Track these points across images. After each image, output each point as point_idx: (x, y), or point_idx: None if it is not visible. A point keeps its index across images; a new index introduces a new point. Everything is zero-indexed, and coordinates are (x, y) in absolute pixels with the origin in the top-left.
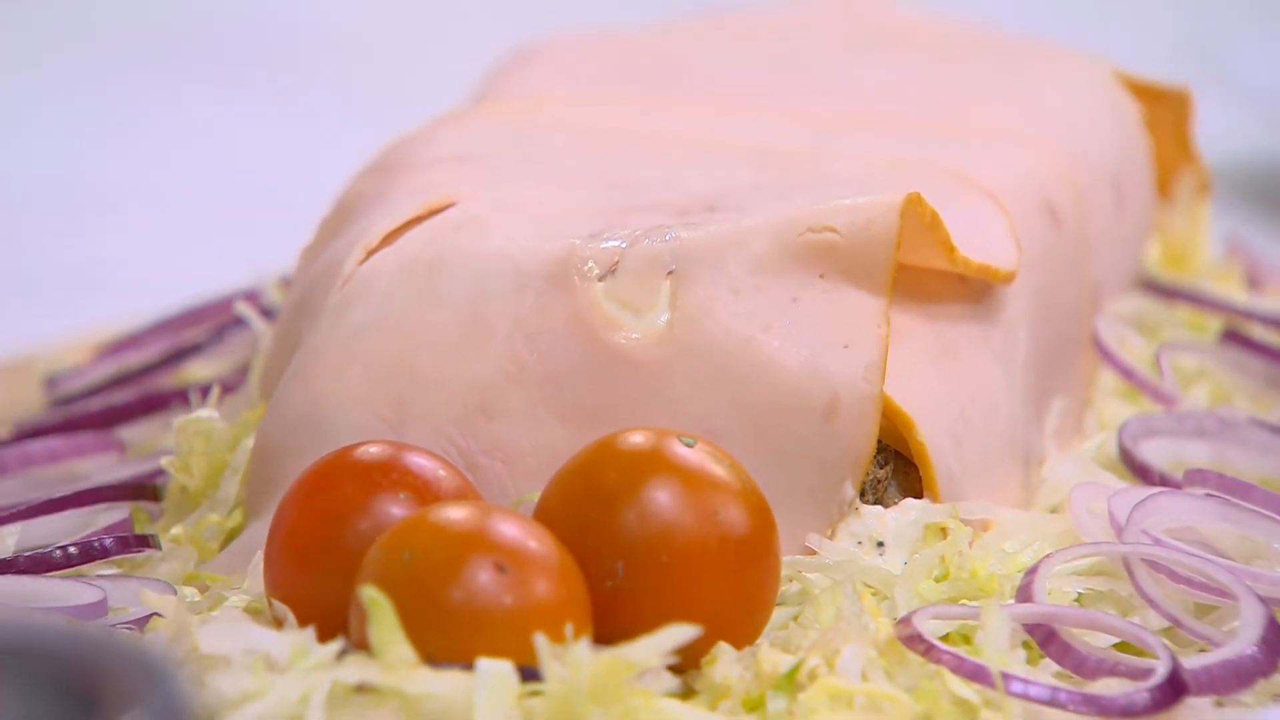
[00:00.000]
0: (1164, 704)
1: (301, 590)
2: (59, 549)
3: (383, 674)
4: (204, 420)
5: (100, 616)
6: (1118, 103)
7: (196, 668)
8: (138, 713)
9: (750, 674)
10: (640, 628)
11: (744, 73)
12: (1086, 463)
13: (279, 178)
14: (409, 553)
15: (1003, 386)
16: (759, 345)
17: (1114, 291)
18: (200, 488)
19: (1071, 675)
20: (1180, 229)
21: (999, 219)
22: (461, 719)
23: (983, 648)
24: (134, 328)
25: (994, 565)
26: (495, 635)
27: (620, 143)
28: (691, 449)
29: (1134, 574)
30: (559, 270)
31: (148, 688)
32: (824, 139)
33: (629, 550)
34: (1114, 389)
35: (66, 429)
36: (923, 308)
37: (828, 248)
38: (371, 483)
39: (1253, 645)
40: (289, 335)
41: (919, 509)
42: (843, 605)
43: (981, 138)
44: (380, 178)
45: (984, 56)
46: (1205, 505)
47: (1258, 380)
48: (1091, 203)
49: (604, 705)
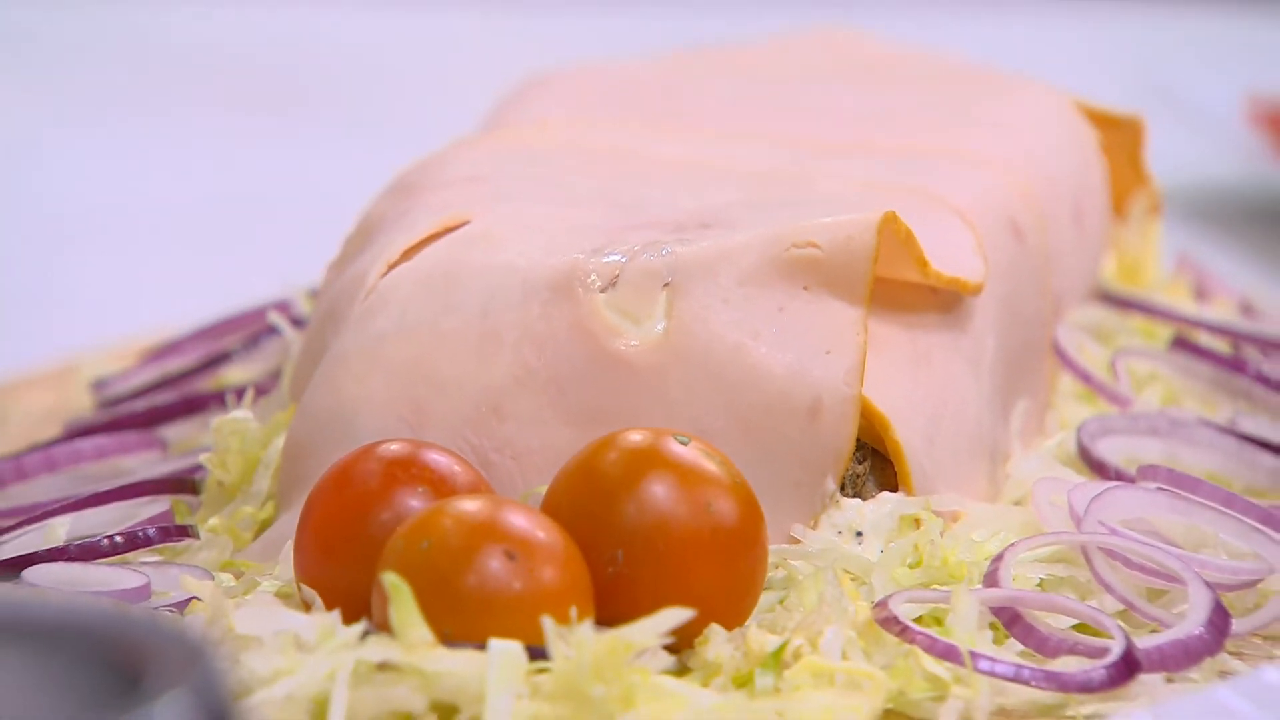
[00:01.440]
0: (1119, 680)
1: (328, 576)
2: (106, 538)
3: (403, 653)
4: (239, 420)
5: (144, 600)
6: (1076, 129)
7: (232, 647)
8: (179, 690)
9: (740, 653)
10: (639, 611)
11: (734, 101)
12: (1048, 459)
13: (308, 198)
14: (427, 542)
15: (971, 389)
16: (748, 351)
17: (1073, 302)
18: (235, 482)
19: (1034, 654)
20: (1133, 245)
21: (967, 235)
22: (475, 695)
23: (953, 629)
24: (175, 335)
25: (963, 553)
26: (506, 618)
27: (620, 165)
28: (686, 447)
29: (1091, 561)
30: (564, 282)
31: (188, 666)
32: (807, 162)
33: (628, 539)
34: (1073, 392)
35: (112, 428)
36: (898, 317)
37: (811, 262)
38: (392, 477)
39: (1200, 626)
40: (317, 342)
41: (894, 502)
42: (825, 590)
43: (951, 161)
44: (400, 198)
45: (954, 87)
46: (1157, 498)
47: (1205, 384)
48: (1052, 220)
49: (605, 682)
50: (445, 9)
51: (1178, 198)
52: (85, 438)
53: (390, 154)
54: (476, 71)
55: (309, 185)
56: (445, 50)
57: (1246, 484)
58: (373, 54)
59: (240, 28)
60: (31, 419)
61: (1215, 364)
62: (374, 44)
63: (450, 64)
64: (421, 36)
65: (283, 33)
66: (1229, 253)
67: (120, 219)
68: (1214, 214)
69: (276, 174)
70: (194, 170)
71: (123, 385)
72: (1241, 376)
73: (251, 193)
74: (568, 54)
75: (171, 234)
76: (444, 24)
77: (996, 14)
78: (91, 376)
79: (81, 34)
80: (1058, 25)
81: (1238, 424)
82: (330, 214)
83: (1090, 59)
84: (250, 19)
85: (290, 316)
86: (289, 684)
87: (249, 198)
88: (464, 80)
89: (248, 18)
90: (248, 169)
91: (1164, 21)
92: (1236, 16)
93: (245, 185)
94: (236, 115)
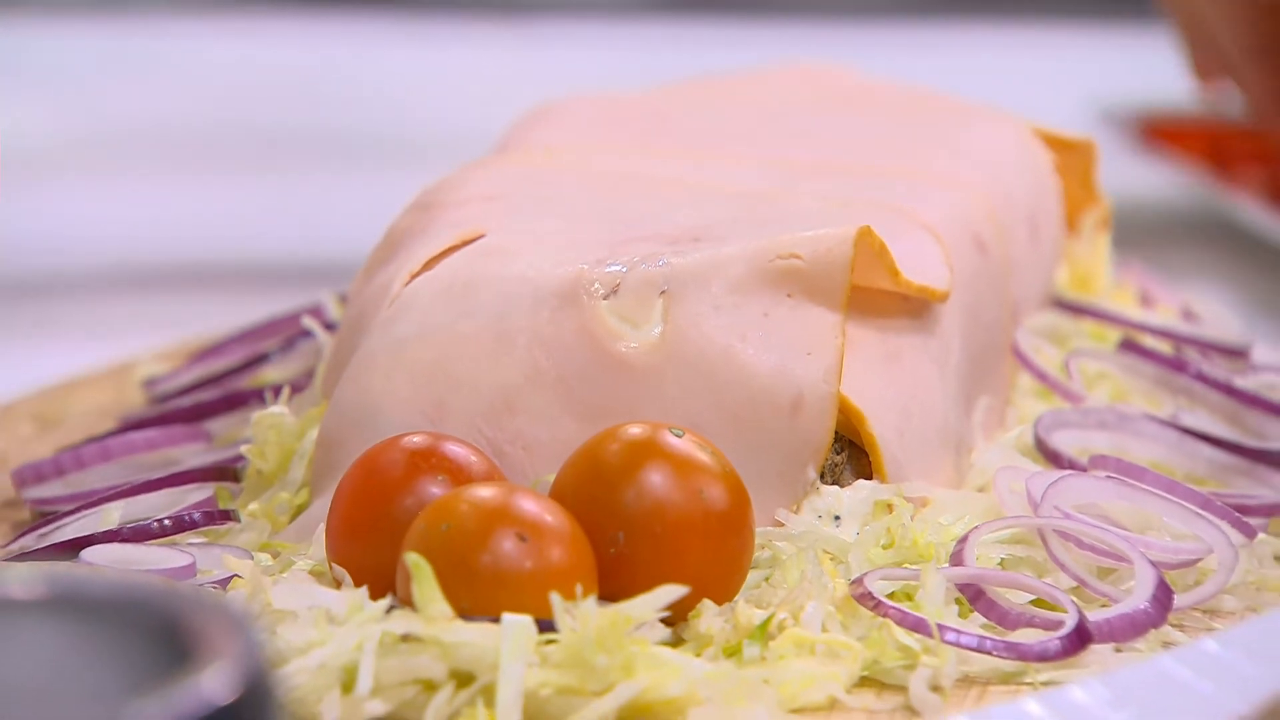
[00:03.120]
0: (1072, 650)
1: (356, 556)
2: (156, 521)
3: (424, 626)
4: (276, 415)
5: (190, 578)
6: (1033, 152)
7: (269, 621)
8: (222, 660)
9: (729, 626)
10: (637, 588)
11: (722, 128)
12: (1008, 450)
13: (339, 214)
14: (446, 525)
15: (938, 387)
16: (736, 353)
17: (1030, 308)
18: (273, 471)
19: (996, 626)
20: (1084, 257)
21: (935, 248)
22: (490, 664)
23: (922, 604)
24: (219, 338)
25: (931, 535)
26: (517, 594)
27: (620, 185)
28: (680, 439)
29: (1047, 542)
30: (570, 290)
31: (230, 638)
32: (789, 182)
33: (628, 523)
34: (1030, 389)
35: (162, 422)
36: (872, 321)
37: (793, 271)
38: (415, 467)
39: (1145, 601)
40: (346, 344)
41: (869, 489)
42: (806, 569)
43: (920, 181)
44: (422, 214)
45: (923, 115)
46: (1106, 485)
47: (1149, 382)
48: (1011, 234)
49: (608, 652)
50: (462, 47)
51: (1124, 214)
52: (137, 431)
53: (413, 176)
54: (490, 101)
55: (340, 202)
56: (462, 83)
57: (1187, 472)
58: (398, 87)
59: (283, 65)
60: (89, 415)
61: (1159, 364)
62: (399, 77)
63: (466, 95)
64: (441, 71)
65: (318, 68)
66: (1170, 264)
67: (174, 232)
68: (1156, 229)
69: (311, 193)
70: (236, 190)
71: (171, 383)
72: (1182, 375)
73: (288, 208)
74: (572, 85)
75: (216, 244)
76: (461, 60)
77: (962, 48)
78: (143, 376)
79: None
80: (1018, 57)
81: (1179, 418)
82: (359, 228)
83: (1047, 89)
84: (291, 56)
85: (323, 321)
86: (321, 654)
87: (286, 213)
88: (479, 109)
89: (290, 55)
90: (286, 189)
91: (1113, 53)
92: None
93: (283, 202)
94: (278, 141)
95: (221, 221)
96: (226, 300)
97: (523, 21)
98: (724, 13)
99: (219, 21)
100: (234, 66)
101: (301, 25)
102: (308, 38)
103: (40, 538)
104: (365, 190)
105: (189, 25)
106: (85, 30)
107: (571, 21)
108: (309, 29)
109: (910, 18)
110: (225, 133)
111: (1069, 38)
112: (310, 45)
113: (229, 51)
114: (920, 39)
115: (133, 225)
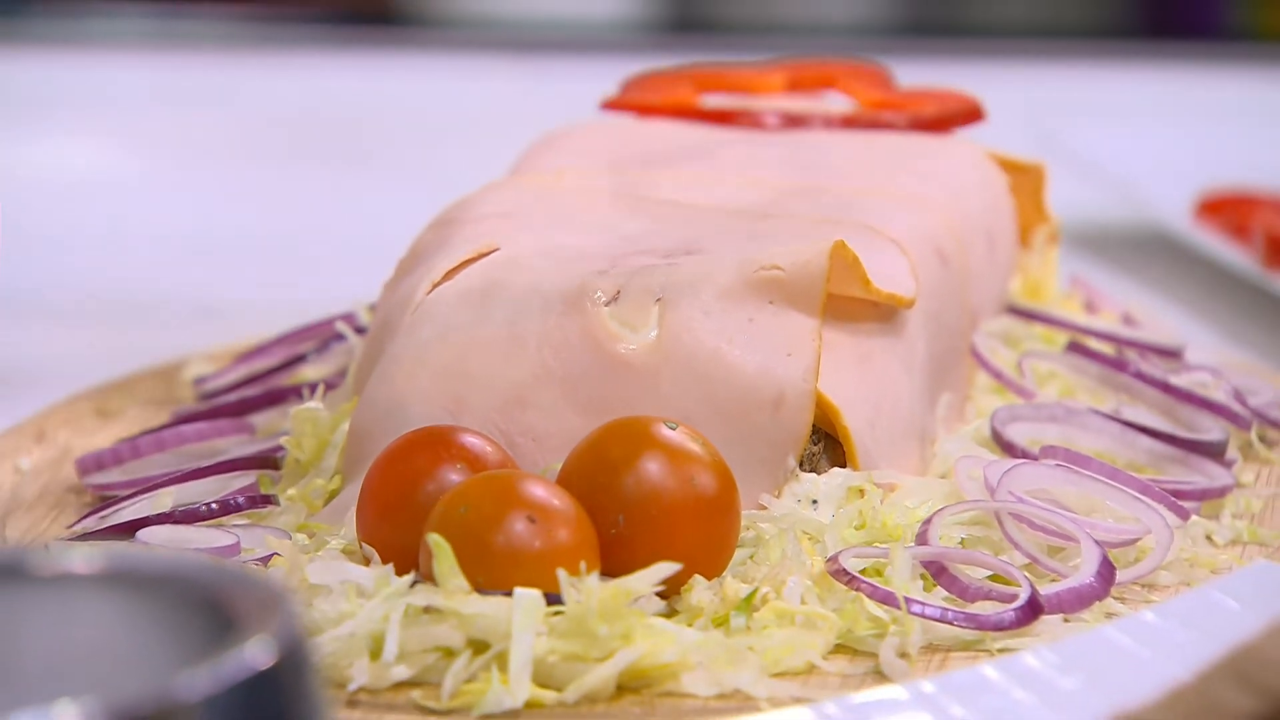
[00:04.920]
0: (1025, 621)
1: (384, 536)
2: (204, 505)
3: (444, 599)
4: (313, 409)
5: (234, 556)
6: (989, 174)
7: (306, 595)
8: (263, 630)
9: (718, 599)
10: (635, 564)
11: (711, 153)
12: (967, 441)
13: (368, 229)
14: (464, 508)
15: (905, 384)
16: (724, 354)
17: (987, 314)
18: (309, 460)
19: (957, 599)
20: (1036, 268)
21: (902, 260)
22: (503, 633)
23: (891, 579)
24: (261, 341)
25: (899, 517)
26: (528, 570)
27: (621, 204)
28: (674, 431)
29: (1003, 524)
30: (575, 298)
31: (270, 610)
32: (772, 202)
33: (627, 506)
34: (987, 386)
35: (210, 416)
36: (846, 326)
37: (775, 281)
38: (436, 456)
39: (1091, 576)
40: (375, 346)
41: (843, 475)
42: (787, 547)
43: (889, 200)
44: (442, 229)
45: (891, 142)
46: (1055, 472)
47: (1094, 380)
48: (970, 248)
49: (609, 623)
50: (479, 78)
51: (1071, 230)
52: (188, 424)
53: (434, 195)
54: (504, 128)
55: (369, 219)
56: (479, 112)
57: (1128, 461)
58: (421, 114)
59: (315, 92)
60: (145, 409)
61: (1102, 364)
62: (422, 106)
63: (483, 123)
64: (460, 100)
65: (347, 96)
66: (1112, 274)
67: (218, 246)
68: (1099, 244)
69: (343, 211)
70: (276, 208)
71: (218, 381)
72: (1123, 374)
73: (323, 226)
74: (577, 114)
75: (259, 259)
76: (479, 90)
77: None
78: (193, 374)
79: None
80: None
81: (1121, 412)
82: (386, 243)
83: (1001, 119)
84: (324, 85)
85: (354, 326)
86: (351, 624)
87: (321, 229)
88: (494, 135)
89: (322, 84)
90: (320, 207)
91: (1059, 88)
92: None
93: (318, 220)
94: (311, 163)
95: (274, 222)
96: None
97: (535, 59)
98: (718, 48)
99: (267, 57)
100: (281, 98)
101: (342, 63)
102: (347, 74)
103: (100, 520)
104: (394, 205)
105: (239, 59)
106: (139, 64)
107: (578, 59)
108: (349, 66)
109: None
110: (272, 153)
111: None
112: (348, 81)
113: (277, 84)
114: (900, 68)
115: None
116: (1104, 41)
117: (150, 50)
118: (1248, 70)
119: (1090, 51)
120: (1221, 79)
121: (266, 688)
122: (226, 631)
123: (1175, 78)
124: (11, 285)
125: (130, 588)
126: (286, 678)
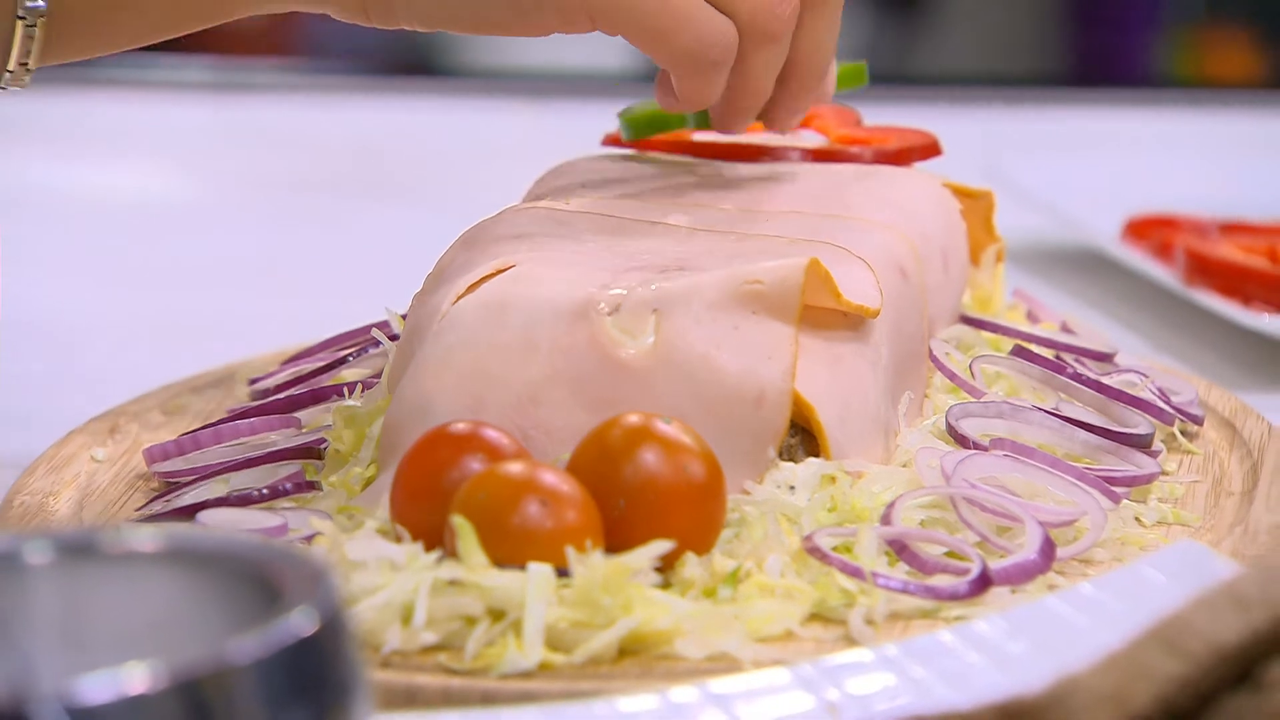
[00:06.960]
0: (977, 592)
1: (414, 518)
2: (256, 491)
3: (466, 573)
4: (352, 406)
5: (282, 536)
6: (944, 200)
7: (344, 569)
8: (306, 601)
9: (707, 573)
10: (635, 543)
11: (702, 182)
12: (925, 434)
13: (398, 250)
14: (484, 493)
15: (872, 384)
16: (712, 357)
17: (942, 323)
18: (349, 451)
19: (917, 573)
20: (985, 283)
21: (869, 275)
22: (518, 603)
23: (859, 555)
24: (307, 345)
25: (866, 501)
26: (540, 548)
27: (623, 226)
28: (669, 425)
29: (957, 507)
30: (582, 308)
31: (313, 584)
32: (755, 225)
33: (628, 491)
34: (943, 386)
35: (262, 412)
36: (819, 333)
37: (757, 294)
38: (459, 448)
39: (1035, 553)
40: (406, 352)
41: (817, 464)
42: (768, 528)
43: (857, 223)
44: (464, 249)
45: (859, 172)
46: (1003, 462)
47: (1036, 381)
48: (928, 265)
49: (611, 594)
50: (500, 119)
51: (1015, 250)
52: (242, 419)
53: (459, 219)
54: (520, 161)
55: (399, 241)
56: (499, 147)
57: (1067, 452)
58: (449, 151)
59: (358, 133)
60: (205, 406)
61: (1043, 366)
62: (450, 144)
63: (502, 156)
64: (483, 138)
65: (385, 137)
66: (1051, 289)
67: (272, 268)
68: (1039, 261)
69: (375, 233)
70: (323, 234)
71: (269, 381)
72: (1062, 375)
73: (363, 248)
74: (583, 149)
75: (304, 277)
76: (499, 129)
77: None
78: (247, 375)
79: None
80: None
81: (1060, 409)
82: (415, 261)
83: (955, 155)
84: (354, 118)
85: (388, 333)
86: (385, 595)
87: (358, 250)
88: (510, 166)
89: (354, 117)
90: (360, 232)
91: (1005, 127)
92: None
93: (358, 243)
94: (352, 193)
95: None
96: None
97: (547, 103)
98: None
99: (308, 97)
100: (328, 137)
101: (382, 107)
102: (386, 117)
103: (165, 503)
104: (425, 229)
105: (292, 103)
106: (199, 103)
107: (583, 102)
108: (388, 110)
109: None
110: (319, 185)
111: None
112: (387, 123)
113: (325, 125)
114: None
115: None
116: (1044, 88)
117: (212, 93)
118: (1169, 111)
119: (1032, 96)
120: (1146, 118)
121: (309, 652)
122: (274, 602)
123: (1106, 117)
124: (93, 300)
125: (189, 564)
126: (327, 643)
